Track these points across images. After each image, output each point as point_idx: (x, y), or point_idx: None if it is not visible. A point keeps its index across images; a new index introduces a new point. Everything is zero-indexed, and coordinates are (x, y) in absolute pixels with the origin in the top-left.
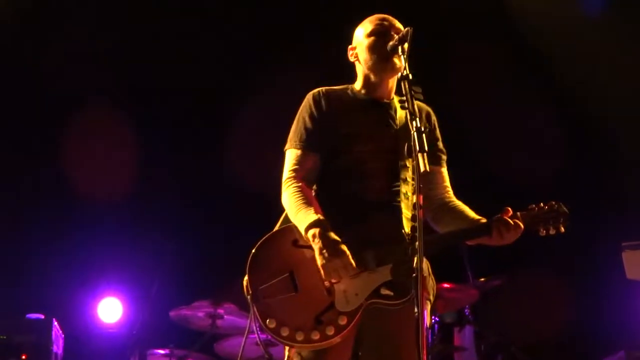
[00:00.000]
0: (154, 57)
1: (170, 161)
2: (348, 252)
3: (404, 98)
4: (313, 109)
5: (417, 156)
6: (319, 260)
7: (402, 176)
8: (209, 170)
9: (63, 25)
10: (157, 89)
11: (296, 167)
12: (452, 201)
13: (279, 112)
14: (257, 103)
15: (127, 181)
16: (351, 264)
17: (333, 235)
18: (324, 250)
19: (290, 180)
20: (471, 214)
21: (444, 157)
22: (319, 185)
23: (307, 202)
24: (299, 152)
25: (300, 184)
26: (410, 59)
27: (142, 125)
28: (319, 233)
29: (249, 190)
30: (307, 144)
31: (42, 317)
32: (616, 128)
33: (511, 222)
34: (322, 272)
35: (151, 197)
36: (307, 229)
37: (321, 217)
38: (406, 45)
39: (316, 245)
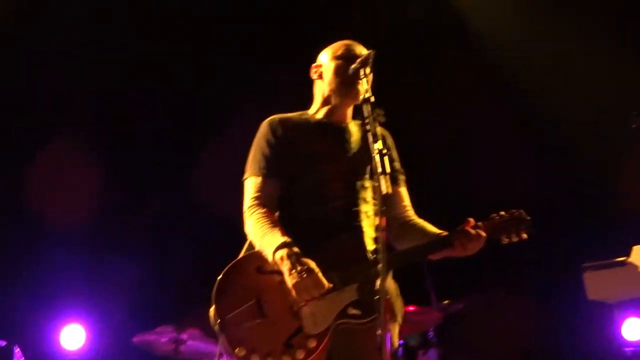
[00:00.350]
0: (114, 81)
1: (134, 186)
2: (318, 270)
3: (366, 121)
4: (269, 136)
5: (379, 178)
6: (290, 281)
7: (362, 196)
8: (173, 196)
9: (23, 45)
10: (118, 113)
11: (257, 194)
12: (413, 219)
13: (244, 137)
14: (223, 127)
15: (90, 206)
16: (321, 282)
17: (299, 255)
18: (294, 270)
19: (253, 208)
20: (432, 229)
21: (402, 177)
22: (280, 210)
23: (273, 226)
24: (259, 179)
25: (263, 209)
26: (372, 82)
27: (106, 150)
28: (287, 254)
29: (214, 215)
30: (267, 171)
31: (4, 343)
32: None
33: (472, 232)
34: (293, 292)
35: (115, 222)
36: (274, 252)
37: (288, 239)
38: (368, 69)
39: (285, 266)
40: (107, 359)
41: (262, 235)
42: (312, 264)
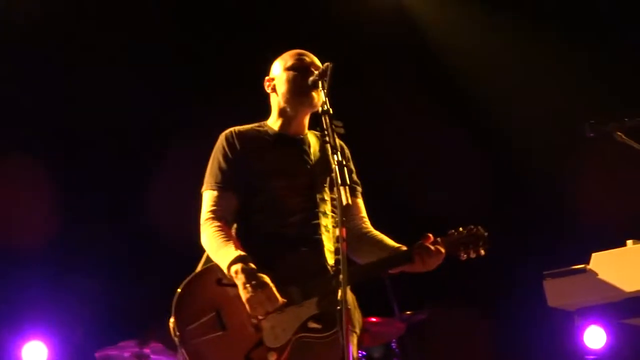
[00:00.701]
0: (72, 100)
1: (93, 203)
2: (272, 285)
3: (325, 132)
4: (226, 149)
5: (339, 189)
6: (243, 295)
7: (322, 210)
8: (132, 211)
9: None
10: (75, 132)
11: (214, 207)
12: (370, 231)
13: (200, 154)
14: (179, 145)
15: (50, 224)
16: (275, 296)
17: (253, 269)
18: (247, 285)
19: (209, 221)
20: (390, 242)
21: (359, 188)
22: (239, 224)
23: (227, 240)
24: (215, 192)
25: (219, 223)
26: (329, 94)
27: (63, 167)
28: (241, 268)
29: (174, 230)
30: (223, 185)
31: None
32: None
33: (432, 248)
34: (247, 306)
35: (75, 239)
36: (229, 266)
37: (242, 253)
38: (326, 81)
39: (239, 280)
40: None
41: (218, 249)
42: (266, 279)
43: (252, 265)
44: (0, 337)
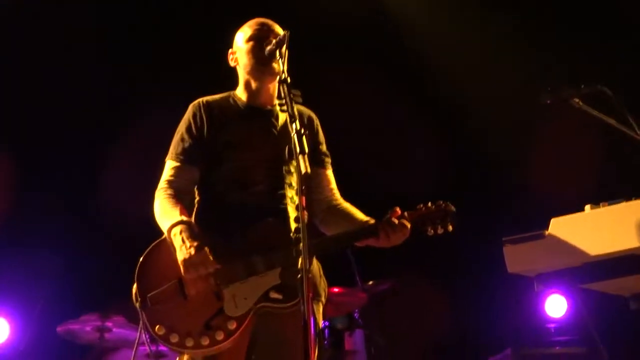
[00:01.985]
0: (30, 74)
1: (51, 175)
2: (206, 249)
3: (282, 102)
4: (191, 122)
5: (297, 158)
6: (179, 257)
7: (287, 181)
8: (93, 183)
9: None
10: (33, 106)
11: (171, 178)
12: (340, 203)
13: (163, 128)
14: (142, 119)
15: (6, 198)
16: (209, 259)
17: (193, 233)
18: (182, 247)
19: (163, 190)
20: (359, 215)
21: (328, 159)
22: (204, 195)
23: (174, 207)
24: (176, 163)
25: (172, 192)
26: (288, 63)
27: (20, 141)
28: (179, 231)
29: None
30: (184, 157)
31: None
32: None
33: (397, 222)
34: (181, 268)
35: (33, 212)
36: (169, 229)
37: (184, 218)
38: (284, 49)
39: (176, 242)
40: (32, 350)
41: (163, 215)
42: (200, 242)
43: (190, 229)
44: None
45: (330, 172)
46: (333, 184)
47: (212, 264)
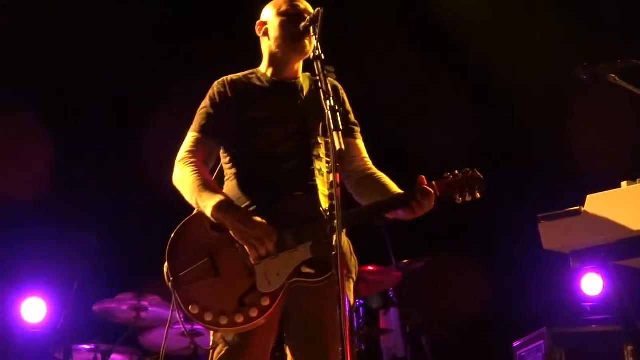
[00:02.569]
0: (64, 56)
1: (87, 156)
2: (264, 220)
3: (317, 78)
4: (216, 97)
5: (332, 135)
6: (239, 236)
7: (315, 153)
8: (126, 164)
9: None
10: (70, 87)
11: (192, 148)
12: (374, 172)
13: (194, 108)
14: (173, 98)
15: (44, 178)
16: (272, 230)
17: (242, 209)
18: (240, 224)
19: (185, 160)
20: (393, 186)
21: (357, 128)
22: (236, 170)
23: (207, 183)
24: (198, 135)
25: (195, 161)
26: (321, 39)
27: (57, 121)
28: (230, 210)
29: (168, 182)
30: (206, 129)
31: None
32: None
33: (429, 189)
34: (246, 248)
35: (70, 192)
36: (214, 211)
37: (224, 198)
38: (317, 27)
39: (229, 221)
40: (69, 328)
41: (199, 192)
42: (257, 217)
43: (236, 206)
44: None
45: (360, 142)
46: (364, 153)
47: (275, 233)
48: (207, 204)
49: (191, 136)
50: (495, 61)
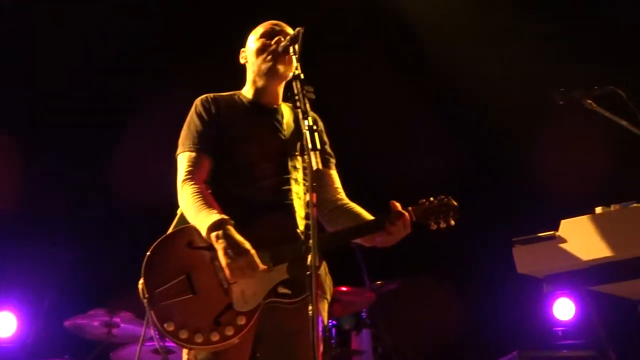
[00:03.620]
0: (34, 64)
1: (61, 171)
2: (253, 251)
3: (295, 98)
4: (202, 113)
5: (309, 154)
6: (224, 261)
7: (293, 177)
8: (101, 179)
9: None
10: (40, 99)
11: (191, 168)
12: (346, 203)
13: (170, 122)
14: (148, 112)
15: (15, 193)
16: (256, 263)
17: (237, 234)
18: (229, 250)
19: (187, 182)
20: (365, 214)
21: (333, 159)
22: (212, 188)
23: (208, 202)
24: (192, 154)
25: (198, 184)
26: (301, 61)
27: (29, 134)
28: (223, 233)
29: (144, 197)
30: (200, 146)
31: None
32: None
33: (403, 212)
34: (226, 271)
35: (43, 208)
36: (209, 230)
37: (224, 217)
38: (297, 46)
39: (220, 245)
40: (39, 344)
41: (198, 211)
42: (247, 245)
43: (233, 230)
44: None
45: (334, 172)
46: (338, 184)
47: (258, 266)
48: (203, 224)
49: (187, 155)
50: (471, 86)
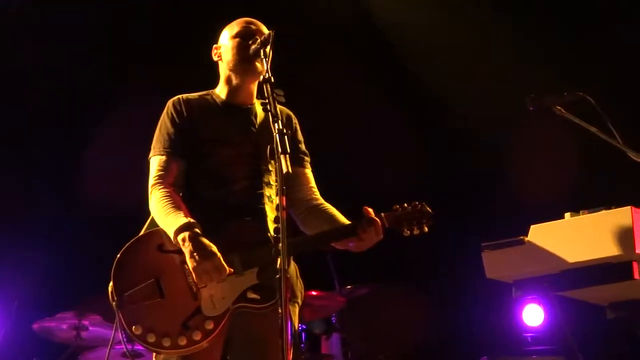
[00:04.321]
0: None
1: (29, 172)
2: (219, 255)
3: (266, 101)
4: (174, 115)
5: (279, 158)
6: (190, 264)
7: (266, 180)
8: (71, 180)
9: None
10: (13, 95)
11: (161, 172)
12: (321, 203)
13: (145, 121)
14: (122, 112)
15: None
16: (223, 266)
17: (203, 238)
18: (195, 254)
19: (157, 186)
20: (340, 217)
21: (307, 158)
22: (183, 191)
23: (176, 206)
24: (163, 157)
25: (167, 188)
26: (272, 63)
27: None
28: (189, 236)
29: (115, 198)
30: (171, 150)
31: None
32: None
33: (375, 218)
34: (193, 275)
35: (11, 208)
36: (176, 233)
37: (191, 220)
38: (268, 49)
39: (186, 248)
40: (7, 347)
41: (165, 215)
42: (214, 248)
43: (200, 233)
44: None
45: (309, 171)
46: (312, 183)
47: (225, 270)
48: (170, 227)
49: (157, 159)
50: (440, 88)
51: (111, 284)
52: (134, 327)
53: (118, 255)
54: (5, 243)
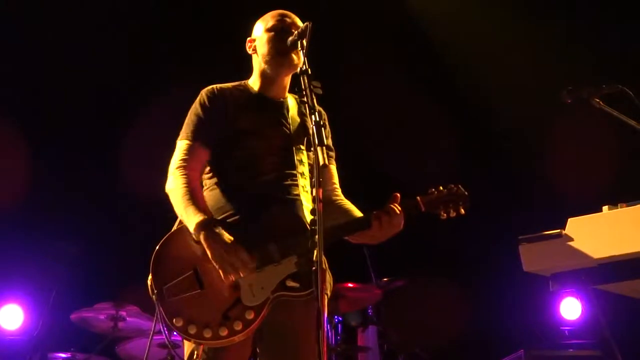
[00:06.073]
0: (42, 58)
1: (68, 164)
2: (242, 247)
3: (302, 93)
4: (206, 103)
5: (316, 150)
6: (214, 260)
7: (299, 171)
8: (107, 172)
9: None
10: (50, 91)
11: (186, 157)
12: (340, 199)
13: (177, 114)
14: (155, 104)
15: (22, 186)
16: (248, 259)
17: (223, 233)
18: (218, 249)
19: (180, 170)
20: (357, 212)
21: (333, 154)
22: (217, 180)
23: (194, 197)
24: (190, 143)
25: (188, 172)
26: (308, 55)
27: (39, 127)
28: (209, 234)
29: (150, 191)
30: (198, 136)
31: None
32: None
33: (393, 207)
34: (220, 272)
35: (50, 201)
36: (196, 228)
37: (206, 218)
38: (305, 41)
39: (208, 245)
40: (46, 336)
41: (185, 207)
42: (235, 242)
43: (220, 229)
44: None
45: (334, 168)
46: (335, 179)
47: (251, 262)
48: (190, 219)
49: (184, 144)
50: (478, 82)
51: (150, 276)
52: (174, 319)
53: (157, 248)
54: (45, 234)
